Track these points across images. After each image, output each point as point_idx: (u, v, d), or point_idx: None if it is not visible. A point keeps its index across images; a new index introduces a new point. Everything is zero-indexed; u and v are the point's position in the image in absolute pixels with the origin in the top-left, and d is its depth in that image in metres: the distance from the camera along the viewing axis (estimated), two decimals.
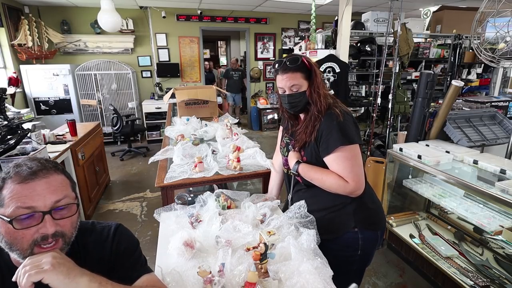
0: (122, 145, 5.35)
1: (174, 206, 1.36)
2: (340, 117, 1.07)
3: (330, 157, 1.08)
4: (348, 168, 1.05)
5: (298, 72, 1.11)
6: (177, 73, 5.80)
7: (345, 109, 1.12)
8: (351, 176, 1.05)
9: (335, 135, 1.06)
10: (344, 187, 1.06)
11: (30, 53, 4.50)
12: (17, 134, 1.88)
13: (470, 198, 1.94)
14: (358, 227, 1.12)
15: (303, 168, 1.14)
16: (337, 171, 1.07)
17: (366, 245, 1.14)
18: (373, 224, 1.16)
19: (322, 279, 0.84)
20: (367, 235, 1.14)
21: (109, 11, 4.05)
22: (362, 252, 1.14)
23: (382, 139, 3.54)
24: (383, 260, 2.28)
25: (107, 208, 3.12)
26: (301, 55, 1.15)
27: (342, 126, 1.06)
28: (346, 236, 1.13)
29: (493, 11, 1.87)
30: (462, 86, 2.08)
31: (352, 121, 1.11)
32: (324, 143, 1.08)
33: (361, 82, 4.38)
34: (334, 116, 1.07)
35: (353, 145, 1.07)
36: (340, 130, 1.06)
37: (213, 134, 2.20)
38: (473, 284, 1.64)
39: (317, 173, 1.11)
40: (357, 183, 1.05)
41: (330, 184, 1.08)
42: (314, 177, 1.12)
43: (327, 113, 1.10)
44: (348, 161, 1.05)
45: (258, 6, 5.51)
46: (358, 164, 1.08)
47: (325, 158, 1.10)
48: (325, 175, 1.09)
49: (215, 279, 0.86)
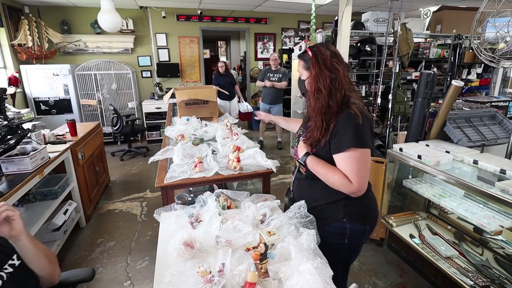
0: (122, 145, 5.35)
1: (174, 206, 1.36)
2: (359, 119, 1.06)
3: (340, 156, 1.09)
4: (355, 169, 1.06)
5: (301, 61, 1.20)
6: (177, 73, 5.80)
7: (366, 112, 1.11)
8: (356, 178, 1.06)
9: (350, 135, 1.06)
10: (348, 186, 1.07)
11: (30, 53, 4.50)
12: (17, 134, 1.88)
13: (470, 198, 1.94)
14: (347, 218, 1.16)
15: (311, 160, 1.17)
16: (344, 170, 1.08)
17: (353, 236, 1.18)
18: (362, 218, 1.19)
19: (322, 279, 0.84)
20: (355, 227, 1.18)
21: (109, 11, 4.05)
22: (349, 242, 1.18)
23: (382, 139, 3.53)
24: (383, 260, 2.28)
25: (107, 208, 3.12)
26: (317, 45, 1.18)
27: (359, 129, 1.06)
28: (335, 225, 1.18)
29: (493, 11, 1.87)
30: (462, 86, 2.08)
31: (370, 126, 1.11)
32: (338, 141, 1.09)
33: (361, 82, 4.38)
34: (353, 117, 1.07)
35: (365, 149, 1.08)
36: (356, 132, 1.06)
37: (213, 134, 2.20)
38: (473, 284, 1.63)
39: (324, 168, 1.13)
40: (360, 185, 1.07)
41: (334, 181, 1.10)
42: (320, 171, 1.14)
43: (346, 112, 1.09)
44: (357, 163, 1.06)
45: (258, 6, 5.51)
46: (366, 168, 1.09)
47: (335, 156, 1.11)
48: (331, 171, 1.11)
49: (215, 279, 0.86)
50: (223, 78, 4.97)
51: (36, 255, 0.96)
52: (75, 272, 1.19)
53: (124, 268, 2.23)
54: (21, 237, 0.92)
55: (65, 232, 2.39)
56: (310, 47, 1.18)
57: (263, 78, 4.66)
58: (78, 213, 2.70)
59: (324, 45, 1.17)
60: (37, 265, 0.97)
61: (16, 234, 0.91)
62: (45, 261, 0.99)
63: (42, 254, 0.98)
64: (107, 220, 2.88)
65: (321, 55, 1.12)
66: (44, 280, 1.01)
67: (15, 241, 0.92)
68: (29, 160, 1.91)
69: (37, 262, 0.97)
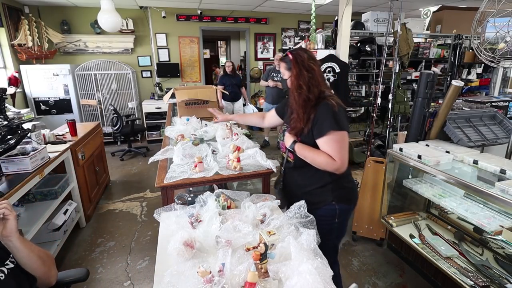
0: (122, 145, 5.35)
1: (174, 206, 1.36)
2: (336, 107, 1.27)
3: (322, 139, 1.27)
4: (336, 149, 1.25)
5: (283, 63, 1.41)
6: (177, 73, 5.80)
7: (340, 102, 1.32)
8: (339, 156, 1.24)
9: (329, 121, 1.25)
10: (332, 164, 1.25)
11: (30, 53, 4.50)
12: (17, 134, 1.88)
13: (470, 198, 1.94)
14: (335, 201, 1.36)
15: (299, 146, 1.34)
16: (327, 150, 1.26)
17: (342, 215, 1.39)
18: (347, 199, 1.41)
19: (322, 279, 0.84)
20: (343, 207, 1.39)
21: (109, 11, 4.05)
22: (339, 220, 1.39)
23: (382, 139, 3.54)
24: (383, 260, 2.28)
25: (107, 208, 3.12)
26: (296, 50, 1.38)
27: (336, 115, 1.26)
28: (325, 208, 1.37)
29: (493, 11, 1.87)
30: (462, 86, 2.08)
31: (344, 113, 1.32)
32: (319, 127, 1.27)
33: (361, 82, 4.38)
34: (330, 106, 1.27)
35: (343, 131, 1.27)
36: (334, 118, 1.25)
37: (213, 134, 2.20)
38: (473, 284, 1.63)
39: (311, 151, 1.31)
40: (342, 162, 1.25)
41: (320, 161, 1.28)
42: (308, 154, 1.31)
43: (324, 102, 1.29)
44: (337, 143, 1.25)
45: (258, 6, 5.51)
46: (345, 148, 1.27)
47: (317, 140, 1.29)
48: (316, 153, 1.29)
49: (215, 279, 0.86)
50: (228, 79, 4.89)
51: (28, 256, 0.98)
52: (69, 272, 1.19)
53: (124, 268, 2.23)
54: (12, 238, 0.94)
55: (65, 232, 2.39)
56: (290, 51, 1.37)
57: (267, 78, 4.62)
58: (78, 213, 2.70)
59: (302, 49, 1.39)
60: (30, 266, 0.99)
61: (7, 234, 0.93)
62: (38, 263, 1.00)
63: (35, 255, 1.00)
64: (107, 220, 2.88)
65: (300, 58, 1.33)
66: (40, 281, 1.02)
67: (6, 242, 0.95)
68: (29, 160, 1.91)
69: (29, 263, 0.98)
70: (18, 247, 0.95)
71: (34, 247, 1.01)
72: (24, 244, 0.97)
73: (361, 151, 4.20)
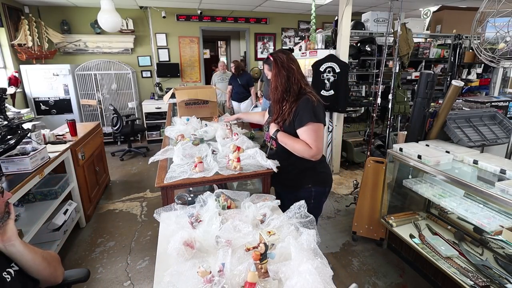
0: (122, 145, 5.35)
1: (174, 206, 1.35)
2: (315, 102, 1.43)
3: (302, 129, 1.43)
4: (313, 138, 1.41)
5: (265, 64, 1.58)
6: (177, 73, 5.80)
7: (319, 98, 1.48)
8: (315, 144, 1.41)
9: (308, 114, 1.41)
10: (308, 151, 1.42)
11: (30, 53, 4.50)
12: (17, 134, 1.88)
13: (470, 198, 1.94)
14: (311, 184, 1.55)
15: (281, 134, 1.51)
16: (305, 139, 1.43)
17: (317, 196, 1.58)
18: (322, 183, 1.60)
19: (322, 279, 0.84)
20: (318, 190, 1.58)
21: (109, 11, 4.05)
22: (315, 201, 1.58)
23: (382, 139, 3.53)
24: (383, 260, 2.28)
25: (107, 208, 3.12)
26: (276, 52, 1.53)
27: (315, 109, 1.42)
28: (303, 190, 1.56)
29: (493, 11, 1.87)
30: (462, 86, 2.08)
31: (322, 108, 1.48)
32: (300, 118, 1.43)
33: (361, 82, 4.38)
34: (310, 101, 1.43)
35: (320, 123, 1.43)
36: (313, 111, 1.41)
37: (213, 134, 2.20)
38: (473, 284, 1.63)
39: (290, 139, 1.48)
40: (318, 150, 1.41)
41: (299, 148, 1.44)
42: (288, 141, 1.48)
43: (305, 97, 1.44)
44: (314, 133, 1.41)
45: (258, 6, 5.52)
46: (321, 137, 1.44)
47: (298, 130, 1.45)
48: (295, 141, 1.46)
49: (215, 279, 0.86)
50: (234, 79, 4.94)
51: (33, 260, 0.96)
52: (70, 272, 1.19)
53: (124, 268, 2.23)
54: (15, 242, 0.92)
55: (65, 232, 2.39)
56: (271, 54, 1.52)
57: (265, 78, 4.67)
58: (78, 213, 2.70)
59: (281, 51, 1.53)
60: (36, 269, 0.97)
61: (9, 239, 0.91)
62: (44, 264, 0.99)
63: (39, 257, 0.98)
64: (107, 220, 2.88)
65: (280, 59, 1.48)
66: (46, 280, 1.01)
67: (10, 248, 0.91)
68: (29, 160, 1.91)
69: (35, 266, 0.97)
70: (22, 251, 0.93)
71: (37, 249, 1.00)
72: (27, 247, 0.95)
73: (361, 151, 4.19)
